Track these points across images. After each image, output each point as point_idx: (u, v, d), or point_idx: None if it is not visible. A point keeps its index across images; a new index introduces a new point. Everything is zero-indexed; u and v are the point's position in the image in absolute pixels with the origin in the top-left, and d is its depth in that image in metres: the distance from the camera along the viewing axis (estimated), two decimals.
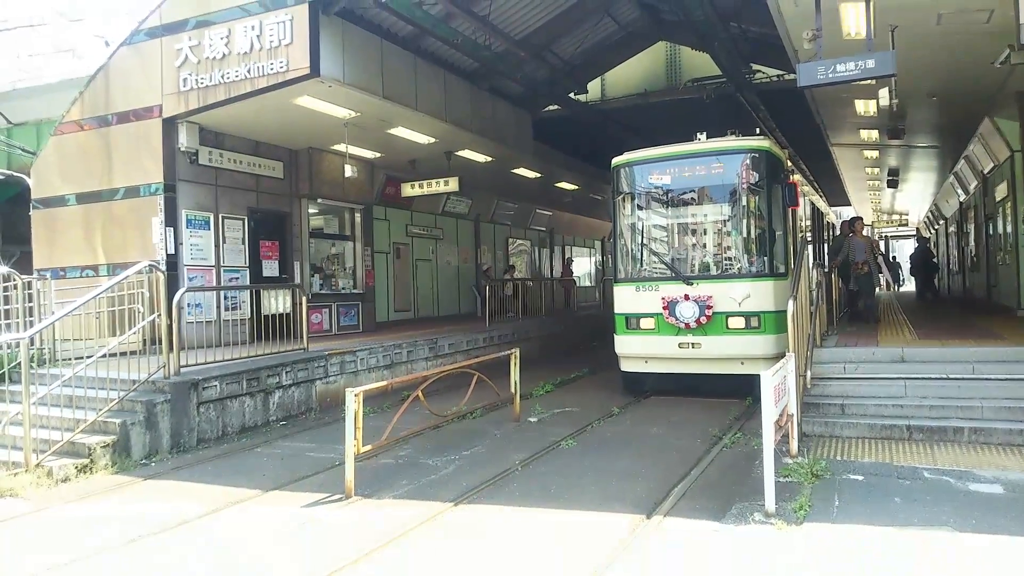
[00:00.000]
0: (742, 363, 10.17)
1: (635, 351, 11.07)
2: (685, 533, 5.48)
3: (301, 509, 6.42)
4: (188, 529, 6.03)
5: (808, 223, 14.49)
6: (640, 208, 11.42)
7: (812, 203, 15.33)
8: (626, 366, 11.32)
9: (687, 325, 10.39)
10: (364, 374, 11.88)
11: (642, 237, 11.47)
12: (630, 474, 7.11)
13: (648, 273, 11.27)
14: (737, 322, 10.26)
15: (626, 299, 11.15)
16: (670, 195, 11.15)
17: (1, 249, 21.21)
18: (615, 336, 11.27)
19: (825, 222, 19.12)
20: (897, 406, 7.96)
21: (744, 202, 10.76)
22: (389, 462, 7.85)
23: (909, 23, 8.42)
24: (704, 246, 11.25)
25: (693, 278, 10.60)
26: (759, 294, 10.24)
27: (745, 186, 10.60)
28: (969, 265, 21.07)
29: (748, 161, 10.62)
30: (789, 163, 11.12)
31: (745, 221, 10.87)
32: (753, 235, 10.82)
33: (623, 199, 11.40)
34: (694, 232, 11.28)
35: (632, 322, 10.99)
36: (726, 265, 10.95)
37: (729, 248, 11.01)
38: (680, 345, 10.53)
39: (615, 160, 11.44)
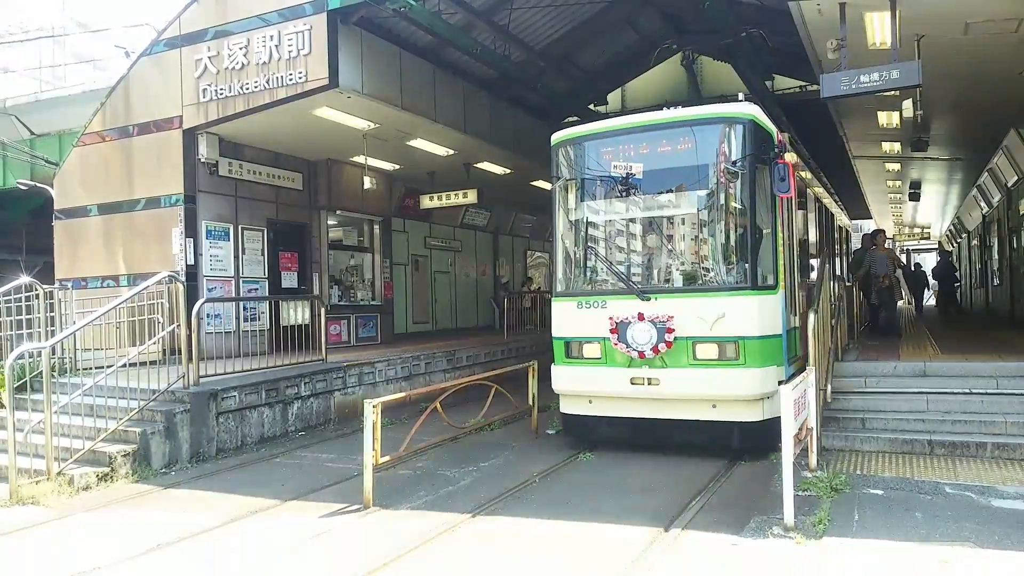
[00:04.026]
0: (714, 406, 7.86)
1: (576, 387, 8.60)
2: (703, 546, 5.43)
3: (319, 519, 6.42)
4: (208, 538, 6.05)
5: (809, 218, 11.57)
6: (585, 199, 8.90)
7: (815, 196, 12.52)
8: (566, 406, 8.82)
9: (641, 354, 7.95)
10: (382, 386, 11.89)
11: (586, 237, 8.94)
12: (648, 487, 7.06)
13: (593, 285, 8.77)
14: (707, 351, 7.82)
15: (565, 319, 8.66)
16: (623, 181, 8.62)
17: (24, 259, 21.53)
18: (552, 367, 8.80)
19: (836, 224, 16.23)
20: (919, 420, 7.88)
21: (720, 189, 8.23)
22: (407, 473, 7.84)
23: (935, 33, 8.36)
24: (666, 249, 8.75)
25: (649, 291, 8.13)
26: (738, 313, 7.75)
27: (722, 168, 8.08)
28: (992, 279, 20.82)
29: (726, 134, 8.18)
30: (780, 137, 8.45)
31: (720, 215, 8.32)
32: (731, 234, 8.23)
33: (564, 187, 8.92)
34: (653, 230, 8.82)
35: (573, 349, 8.55)
36: (694, 274, 8.45)
37: (698, 252, 8.54)
38: (633, 381, 8.06)
39: (555, 136, 9.03)
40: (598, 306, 8.34)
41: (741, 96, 8.74)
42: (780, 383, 7.23)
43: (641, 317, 7.98)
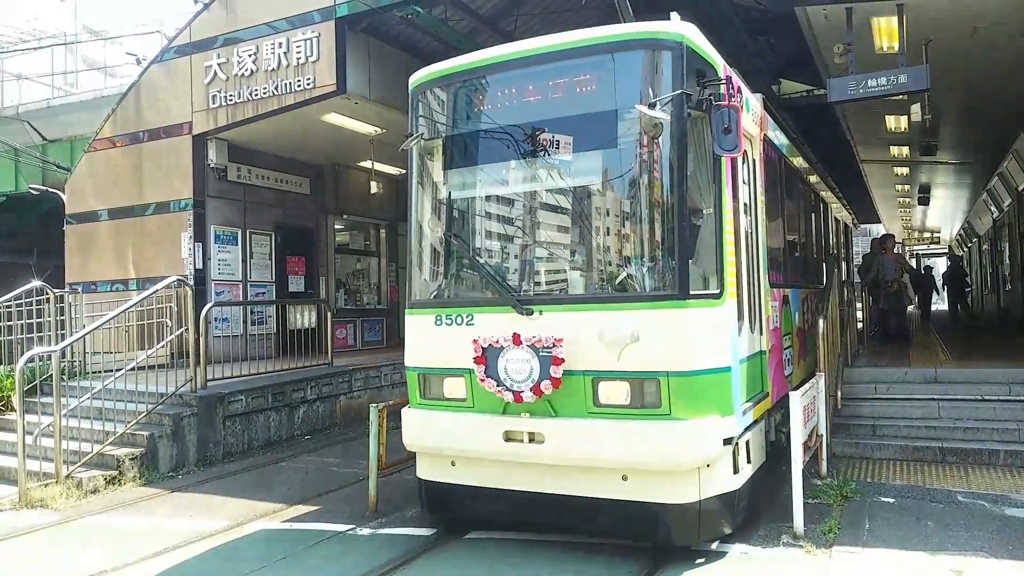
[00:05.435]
0: (624, 478, 5.17)
1: (432, 442, 5.89)
2: (711, 554, 5.38)
3: (325, 524, 6.41)
4: (213, 542, 6.05)
5: (788, 201, 8.28)
6: (448, 166, 6.17)
7: (800, 175, 9.28)
8: (423, 469, 6.05)
9: (518, 396, 5.30)
10: (388, 389, 11.88)
11: (449, 220, 6.13)
12: None
13: (456, 291, 6.09)
14: (614, 392, 5.17)
15: (421, 340, 5.97)
16: (500, 139, 5.86)
17: (35, 263, 21.63)
18: (403, 411, 6.13)
19: (831, 215, 12.92)
20: (930, 427, 7.81)
21: (635, 149, 5.42)
22: (412, 477, 7.80)
23: (943, 37, 8.31)
24: (556, 239, 5.93)
25: (531, 302, 5.43)
26: (659, 334, 5.06)
27: (638, 116, 5.04)
28: (1004, 284, 20.69)
29: (644, 65, 5.49)
30: (728, 71, 5.79)
31: (635, 186, 5.49)
32: (652, 215, 5.40)
33: (423, 150, 6.14)
34: (540, 211, 5.90)
35: (431, 385, 5.89)
36: (598, 277, 5.65)
37: (603, 242, 5.72)
38: (508, 436, 5.40)
39: (415, 76, 6.26)
40: (462, 322, 5.69)
41: (675, 16, 5.51)
42: (727, 442, 5.15)
43: (517, 340, 5.30)
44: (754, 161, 6.48)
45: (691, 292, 5.13)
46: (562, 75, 5.59)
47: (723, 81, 5.33)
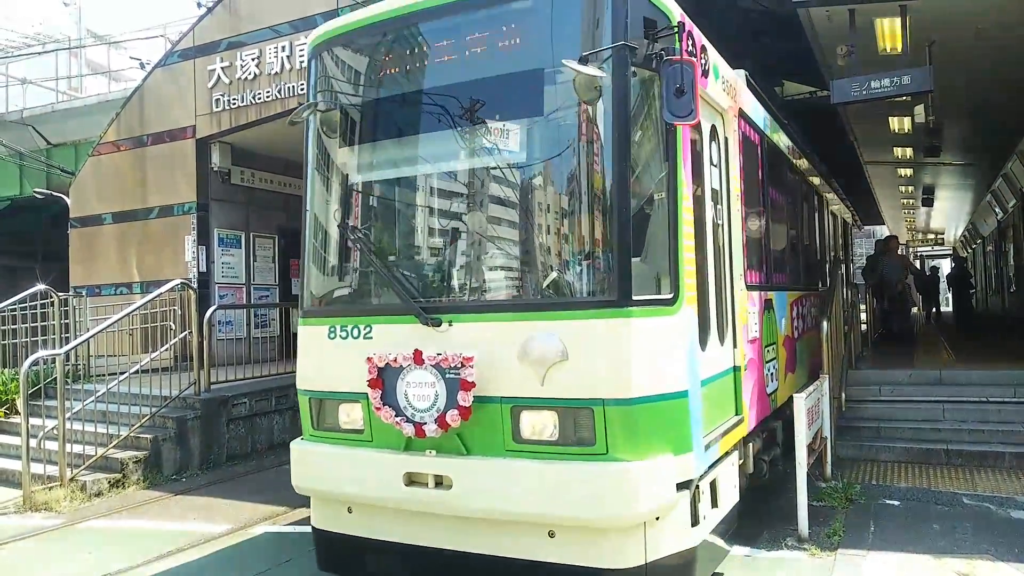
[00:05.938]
0: (551, 534, 4.09)
1: (325, 483, 4.80)
2: None
3: None
4: (217, 545, 6.05)
5: (770, 189, 6.90)
6: (346, 143, 5.13)
7: (788, 158, 8.12)
8: (316, 516, 4.96)
9: (420, 429, 4.24)
10: None
11: (345, 210, 5.17)
12: None
13: (354, 298, 5.12)
14: (538, 425, 4.12)
15: (314, 356, 4.90)
16: (406, 109, 4.91)
17: (40, 267, 21.68)
18: (291, 444, 5.00)
19: (826, 209, 11.43)
20: (935, 430, 7.80)
21: (566, 119, 4.38)
22: None
23: (947, 38, 8.28)
24: (473, 232, 4.65)
25: (440, 310, 4.35)
26: (595, 350, 4.02)
27: (569, 82, 4.07)
28: (1008, 285, 20.65)
29: (577, 14, 4.40)
30: (682, 18, 4.42)
31: (566, 167, 4.46)
32: (589, 203, 4.33)
33: (321, 123, 5.02)
34: (452, 199, 4.90)
35: (324, 413, 4.82)
36: (520, 278, 4.59)
37: (527, 237, 4.58)
38: (411, 479, 4.36)
39: (312, 36, 5.31)
40: (359, 335, 4.62)
41: None
42: (683, 487, 4.07)
43: (419, 358, 4.27)
44: (726, 139, 5.41)
45: (635, 297, 4.00)
46: (482, 26, 4.49)
47: (675, 29, 4.23)
